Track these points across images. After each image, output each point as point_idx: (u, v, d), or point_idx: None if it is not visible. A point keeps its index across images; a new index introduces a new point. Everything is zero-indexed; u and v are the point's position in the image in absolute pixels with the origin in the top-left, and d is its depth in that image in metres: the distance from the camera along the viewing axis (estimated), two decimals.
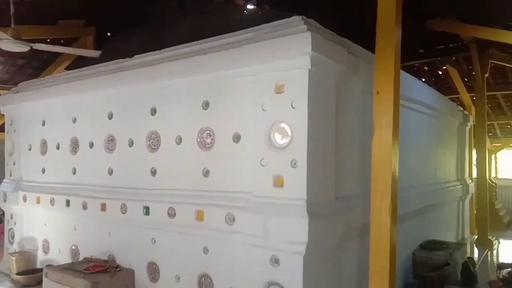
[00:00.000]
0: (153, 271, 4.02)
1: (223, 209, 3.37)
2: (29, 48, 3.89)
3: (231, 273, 3.39)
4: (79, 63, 6.37)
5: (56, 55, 6.81)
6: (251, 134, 3.29)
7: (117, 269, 4.16)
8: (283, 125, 3.07)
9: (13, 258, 5.26)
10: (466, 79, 8.84)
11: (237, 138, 3.42)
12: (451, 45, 7.55)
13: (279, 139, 3.09)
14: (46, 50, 4.38)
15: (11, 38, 3.41)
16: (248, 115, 3.32)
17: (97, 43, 6.16)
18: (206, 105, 3.65)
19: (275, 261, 3.04)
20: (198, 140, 3.69)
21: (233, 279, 3.37)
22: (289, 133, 3.04)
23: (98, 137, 4.61)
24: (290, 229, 2.90)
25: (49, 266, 4.43)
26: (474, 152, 8.24)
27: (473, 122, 7.93)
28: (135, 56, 4.33)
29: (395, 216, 3.01)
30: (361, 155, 3.72)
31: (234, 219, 3.28)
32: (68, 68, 6.70)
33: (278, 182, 3.07)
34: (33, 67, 6.93)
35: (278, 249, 3.01)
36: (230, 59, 3.34)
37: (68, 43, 6.14)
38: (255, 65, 3.19)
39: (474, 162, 8.32)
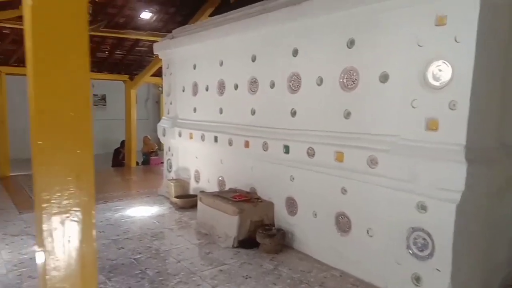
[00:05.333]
0: (291, 205, 4.28)
1: (365, 151, 3.31)
2: None
3: (370, 215, 3.39)
4: (222, 9, 6.71)
5: (202, 2, 7.29)
6: (401, 73, 3.07)
7: (259, 200, 4.57)
8: (442, 61, 2.77)
9: (172, 184, 6.21)
10: None
11: (384, 77, 3.23)
12: None
13: (436, 78, 2.81)
14: None
15: None
16: (399, 52, 3.08)
17: None
18: (351, 43, 3.50)
19: (421, 207, 2.91)
20: (341, 80, 3.61)
21: (373, 221, 3.37)
22: (450, 70, 2.72)
23: (242, 79, 4.90)
24: (444, 176, 2.71)
25: (202, 192, 5.11)
26: None
27: None
28: None
29: None
30: None
31: (377, 162, 3.21)
32: (212, 14, 7.13)
33: (432, 125, 2.84)
34: (182, 15, 7.57)
35: (426, 195, 2.86)
36: None
37: None
38: None
39: None
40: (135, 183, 8.55)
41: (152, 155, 11.12)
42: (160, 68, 8.98)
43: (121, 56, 8.74)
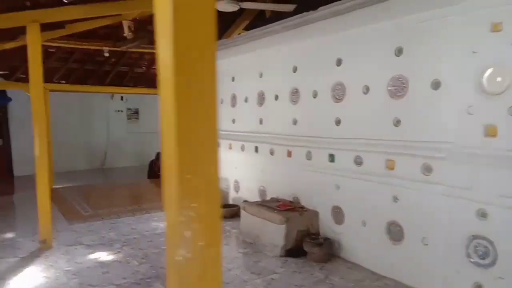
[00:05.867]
0: (337, 214, 4.29)
1: (418, 159, 3.31)
2: (238, 7, 4.40)
3: (425, 223, 3.36)
4: (257, 22, 6.85)
5: (235, 17, 7.44)
6: (455, 80, 3.06)
7: (304, 209, 4.60)
8: (499, 67, 2.76)
9: None
10: None
11: (436, 85, 3.23)
12: None
13: (493, 84, 2.80)
14: (251, 8, 4.83)
15: None
16: (451, 59, 3.08)
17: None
18: (399, 51, 3.53)
19: (482, 214, 2.87)
20: (389, 88, 3.63)
21: (427, 229, 3.34)
22: (508, 76, 2.71)
23: (283, 90, 4.99)
24: (506, 183, 2.68)
25: (245, 201, 5.18)
26: None
27: None
28: (320, 8, 4.41)
29: None
30: None
31: (431, 170, 3.20)
32: (246, 28, 7.28)
33: (490, 132, 2.82)
34: (216, 29, 7.75)
35: (487, 202, 2.83)
36: None
37: None
38: (464, 3, 2.90)
39: None
40: None
41: None
42: None
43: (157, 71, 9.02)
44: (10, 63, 8.06)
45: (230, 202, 6.33)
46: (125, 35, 6.26)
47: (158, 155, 10.92)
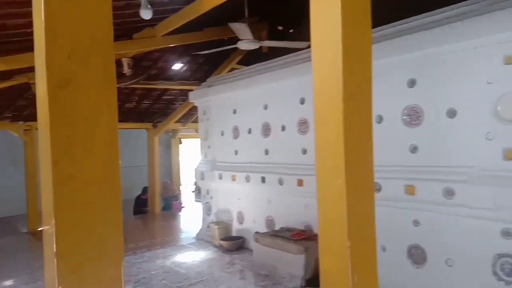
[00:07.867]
0: None
1: (438, 183, 3.48)
2: (259, 45, 4.55)
3: (447, 245, 3.50)
4: (251, 56, 7.09)
5: (228, 53, 7.61)
6: (471, 108, 3.31)
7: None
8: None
9: (216, 227, 6.25)
10: None
11: (452, 113, 3.47)
12: None
13: (509, 111, 3.05)
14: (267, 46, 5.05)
15: (251, 38, 4.01)
16: (466, 89, 3.34)
17: (271, 37, 6.73)
18: (411, 82, 3.77)
19: (507, 234, 3.05)
20: (404, 118, 3.84)
21: (451, 251, 3.47)
22: None
23: (290, 121, 5.13)
24: None
25: (257, 233, 5.16)
26: None
27: None
28: None
29: None
30: None
31: (453, 193, 3.37)
32: (241, 62, 7.50)
33: (510, 155, 3.05)
34: (209, 64, 7.93)
35: (511, 222, 3.01)
36: (447, 34, 3.37)
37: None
38: (477, 39, 3.19)
39: None
40: (170, 229, 8.44)
41: (173, 199, 11.10)
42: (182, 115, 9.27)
43: (147, 106, 9.00)
44: None
45: (234, 234, 6.26)
46: (124, 72, 6.27)
47: (145, 189, 10.66)
